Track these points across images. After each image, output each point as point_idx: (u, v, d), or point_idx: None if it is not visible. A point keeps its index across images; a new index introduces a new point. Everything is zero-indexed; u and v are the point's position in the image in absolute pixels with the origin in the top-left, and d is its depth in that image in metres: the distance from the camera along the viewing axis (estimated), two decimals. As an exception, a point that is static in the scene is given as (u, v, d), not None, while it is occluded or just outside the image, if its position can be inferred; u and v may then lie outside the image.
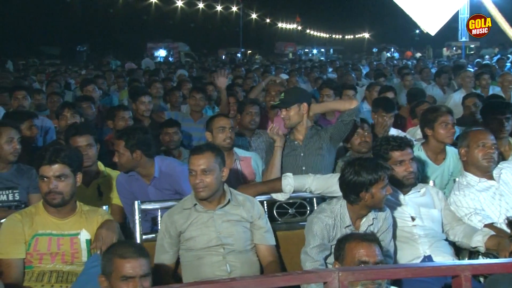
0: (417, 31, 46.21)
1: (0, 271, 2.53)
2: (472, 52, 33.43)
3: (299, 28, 74.45)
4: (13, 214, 3.43)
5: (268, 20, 70.07)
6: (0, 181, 4.20)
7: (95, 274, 2.82)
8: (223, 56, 43.97)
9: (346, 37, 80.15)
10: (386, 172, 3.38)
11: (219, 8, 60.05)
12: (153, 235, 3.72)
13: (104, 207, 3.81)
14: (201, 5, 57.99)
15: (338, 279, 1.88)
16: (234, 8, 58.49)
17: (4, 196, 4.17)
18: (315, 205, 3.98)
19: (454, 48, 33.45)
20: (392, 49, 47.19)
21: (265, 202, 3.94)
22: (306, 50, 57.22)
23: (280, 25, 73.91)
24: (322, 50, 60.15)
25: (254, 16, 65.37)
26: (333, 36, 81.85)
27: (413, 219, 3.80)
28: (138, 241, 3.69)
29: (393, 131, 5.49)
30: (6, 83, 11.19)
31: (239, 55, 45.90)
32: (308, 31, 78.75)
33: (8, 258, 3.29)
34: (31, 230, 3.34)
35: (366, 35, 71.80)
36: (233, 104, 6.53)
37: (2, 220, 3.50)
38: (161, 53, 42.61)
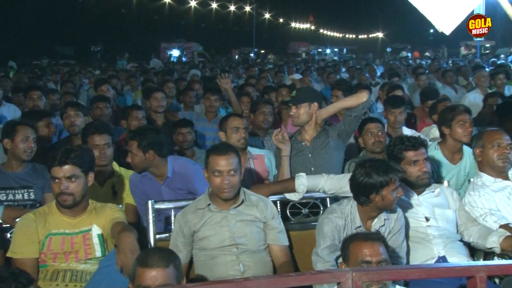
0: (432, 31, 45.97)
1: (31, 278, 2.47)
2: (487, 51, 33.17)
3: (313, 27, 74.36)
4: (26, 214, 3.46)
5: (281, 20, 70.09)
6: (15, 181, 4.24)
7: (110, 273, 2.84)
8: (236, 56, 44.03)
9: (360, 36, 79.89)
10: (397, 174, 3.34)
11: (232, 8, 60.14)
12: (167, 235, 3.73)
13: (119, 206, 3.82)
14: (214, 5, 58.12)
15: (352, 280, 1.87)
16: (248, 8, 58.54)
17: (20, 195, 4.21)
18: (329, 205, 3.96)
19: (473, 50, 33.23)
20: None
21: (278, 202, 3.94)
22: (320, 50, 57.07)
23: (293, 24, 73.90)
24: (336, 49, 59.98)
25: (267, 16, 65.39)
26: (347, 35, 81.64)
27: (427, 219, 3.78)
28: (152, 240, 3.70)
29: (407, 131, 5.48)
30: (22, 83, 11.30)
31: (252, 55, 45.92)
32: (321, 30, 78.63)
33: (22, 258, 3.31)
34: (45, 229, 3.37)
35: (380, 34, 71.50)
36: (246, 103, 6.53)
37: (17, 219, 3.54)
38: (175, 53, 42.80)
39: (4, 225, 3.71)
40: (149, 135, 4.20)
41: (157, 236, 3.74)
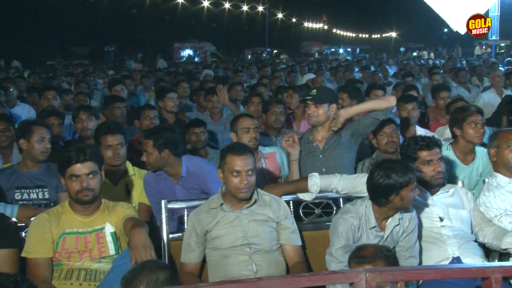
0: (446, 30, 45.67)
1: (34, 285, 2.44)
2: (502, 50, 32.86)
3: (325, 27, 74.18)
4: (40, 214, 3.48)
5: (294, 20, 70.03)
6: (30, 180, 4.28)
7: (123, 272, 2.83)
8: (249, 56, 44.04)
9: (373, 36, 79.57)
10: (416, 173, 3.33)
11: (245, 8, 60.20)
12: (180, 234, 3.74)
13: (130, 204, 3.84)
14: (227, 5, 58.22)
15: (365, 280, 1.87)
16: (260, 8, 58.57)
17: (34, 195, 4.25)
18: (342, 205, 3.94)
19: (484, 47, 32.93)
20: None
21: (291, 202, 3.93)
22: (333, 49, 56.88)
23: (306, 24, 73.79)
24: (349, 49, 59.76)
25: (280, 15, 65.36)
26: (360, 35, 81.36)
27: (441, 219, 3.75)
28: (165, 240, 3.71)
29: (421, 131, 5.45)
30: (37, 84, 11.41)
31: (264, 54, 45.88)
32: (334, 30, 78.44)
33: (37, 257, 3.34)
34: (59, 229, 3.39)
35: (393, 34, 71.10)
36: (257, 104, 6.52)
37: (32, 218, 3.57)
38: (188, 53, 43.01)
39: (19, 224, 3.74)
40: (164, 134, 4.21)
41: (170, 236, 3.75)
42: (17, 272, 3.32)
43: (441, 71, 11.91)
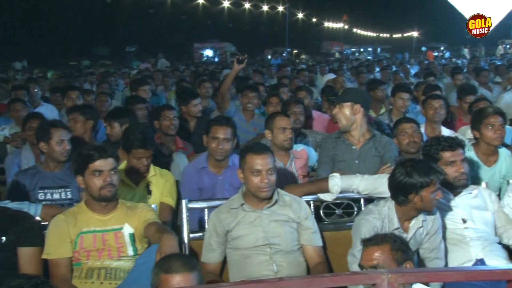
0: (469, 29, 45.07)
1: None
2: (525, 49, 32.32)
3: (346, 27, 73.86)
4: (57, 216, 3.50)
5: (314, 20, 69.90)
6: (53, 180, 4.32)
7: (146, 271, 2.85)
8: (269, 56, 44.01)
9: (394, 35, 79.00)
10: (439, 176, 3.29)
11: (265, 8, 60.25)
12: (201, 234, 3.74)
13: (153, 206, 3.85)
14: (247, 5, 58.33)
15: (387, 281, 1.85)
16: (281, 8, 58.55)
17: (57, 195, 4.29)
18: (363, 205, 3.92)
19: (508, 46, 32.41)
20: (442, 48, 46.24)
21: (311, 202, 3.92)
22: (353, 49, 56.50)
23: (326, 24, 73.58)
24: (369, 49, 59.34)
25: (300, 15, 65.29)
26: (381, 35, 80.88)
27: (464, 221, 3.71)
28: (186, 239, 3.73)
29: (447, 132, 5.37)
30: (60, 83, 11.54)
31: (284, 54, 45.81)
32: (355, 30, 78.09)
33: (56, 258, 3.37)
34: (76, 228, 3.41)
35: (415, 33, 70.40)
36: (276, 104, 6.48)
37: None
38: (208, 53, 43.19)
39: (42, 223, 3.78)
40: None
41: (191, 235, 3.76)
42: (41, 270, 3.36)
43: (465, 70, 11.78)
